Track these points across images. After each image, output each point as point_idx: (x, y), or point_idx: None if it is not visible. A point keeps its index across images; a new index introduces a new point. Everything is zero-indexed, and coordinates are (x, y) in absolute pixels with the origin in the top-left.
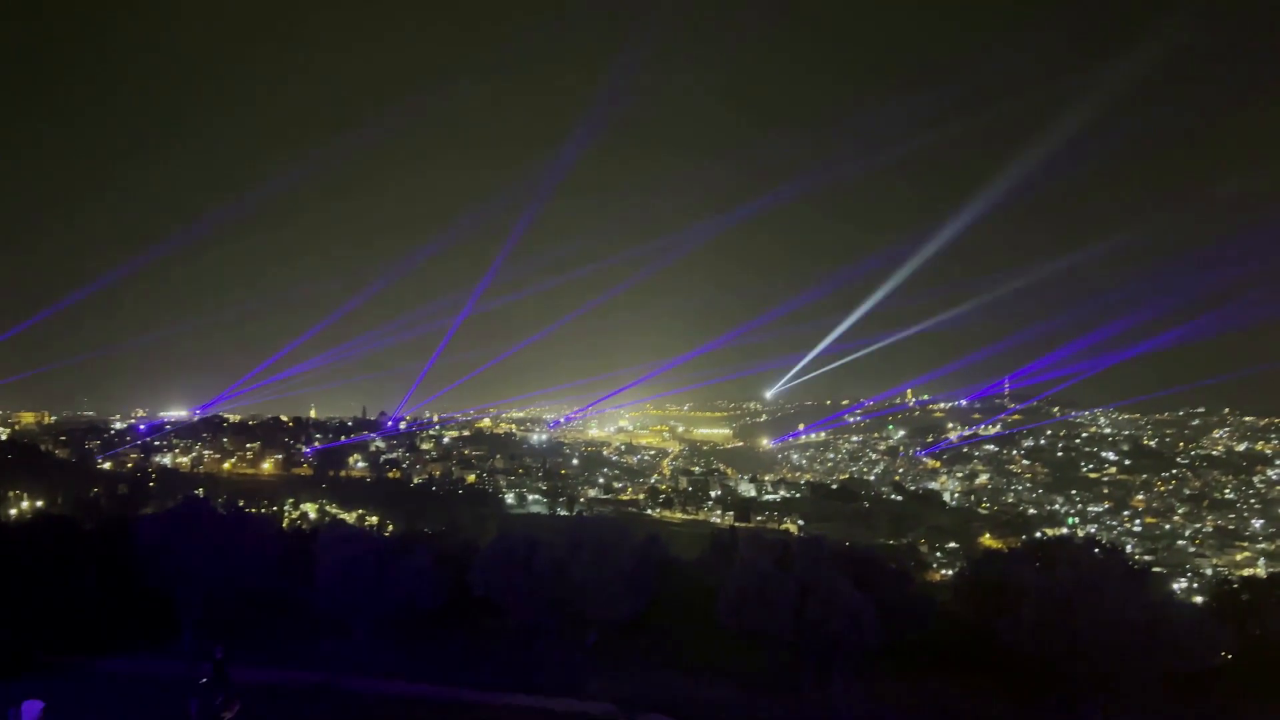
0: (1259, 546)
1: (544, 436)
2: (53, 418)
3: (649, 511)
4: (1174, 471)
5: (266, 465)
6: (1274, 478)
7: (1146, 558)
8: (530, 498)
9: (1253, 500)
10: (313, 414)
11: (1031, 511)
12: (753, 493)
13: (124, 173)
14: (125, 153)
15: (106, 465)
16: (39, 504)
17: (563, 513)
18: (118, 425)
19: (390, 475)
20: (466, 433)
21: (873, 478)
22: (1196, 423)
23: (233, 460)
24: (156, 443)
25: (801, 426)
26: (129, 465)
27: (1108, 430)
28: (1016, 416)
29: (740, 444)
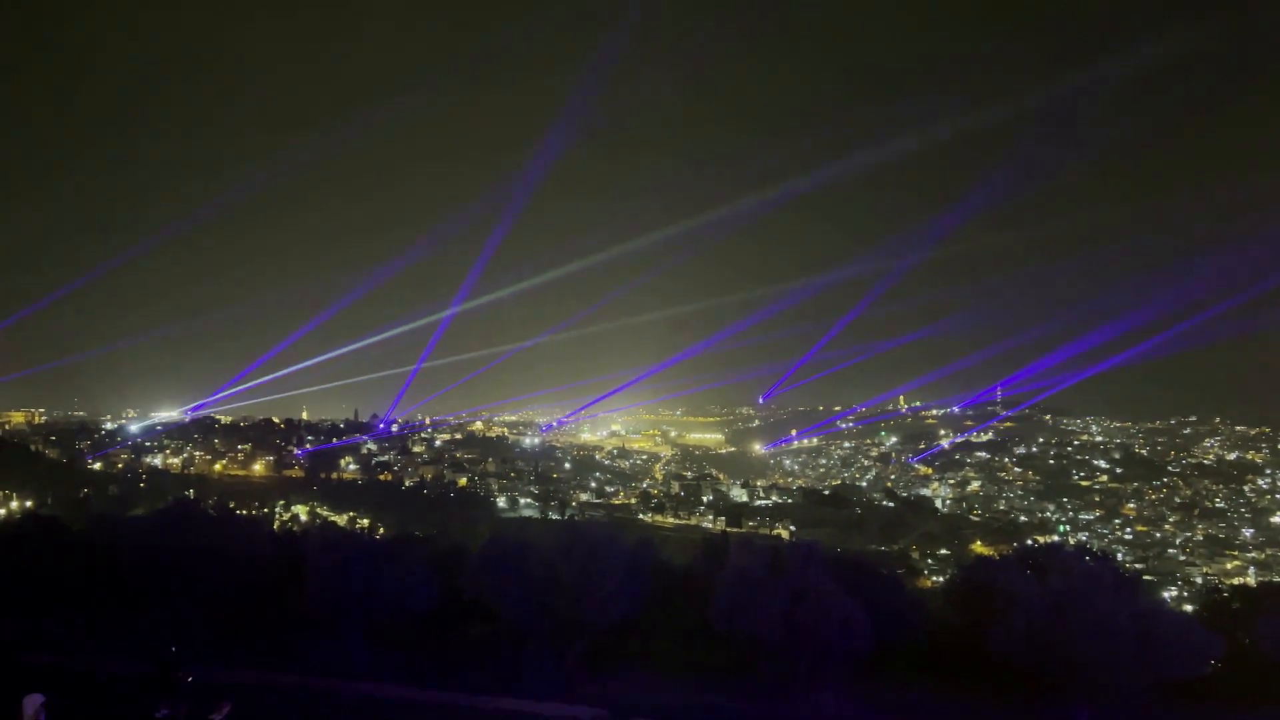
0: (1249, 555)
1: (536, 440)
2: (43, 417)
3: (641, 516)
4: (1165, 480)
5: (258, 467)
6: (1265, 487)
7: (1137, 566)
8: (522, 501)
9: (1243, 509)
10: (304, 416)
11: (1023, 519)
12: (745, 498)
13: (115, 167)
14: (114, 146)
15: (97, 466)
16: (28, 504)
17: (554, 516)
18: (108, 425)
19: (382, 478)
20: (459, 436)
21: (865, 484)
22: (1188, 431)
23: (224, 462)
24: (147, 443)
25: (794, 432)
26: (119, 466)
27: (1099, 438)
28: (1008, 423)
29: (733, 449)
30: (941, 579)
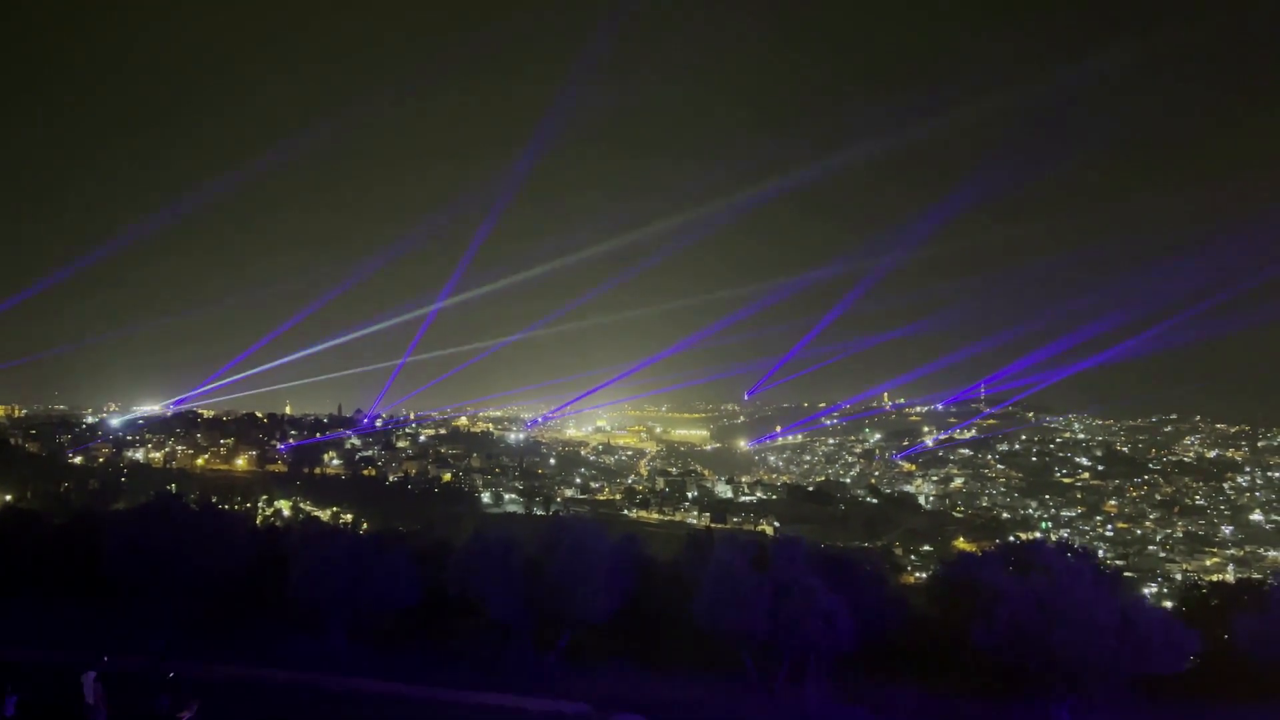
0: (1228, 552)
1: (521, 435)
2: (23, 411)
3: (625, 512)
4: (1146, 477)
5: (240, 461)
6: (1244, 484)
7: (1118, 562)
8: (507, 497)
9: (1223, 506)
10: (288, 410)
11: (1005, 515)
12: (729, 494)
13: (97, 164)
14: (98, 143)
15: (78, 460)
16: (8, 498)
17: (539, 512)
18: (90, 419)
19: (366, 473)
20: (443, 431)
21: (848, 480)
22: (1169, 429)
23: (206, 456)
24: (129, 438)
25: (778, 429)
26: (101, 460)
27: (1081, 435)
28: (992, 421)
29: (718, 445)
30: (924, 575)
